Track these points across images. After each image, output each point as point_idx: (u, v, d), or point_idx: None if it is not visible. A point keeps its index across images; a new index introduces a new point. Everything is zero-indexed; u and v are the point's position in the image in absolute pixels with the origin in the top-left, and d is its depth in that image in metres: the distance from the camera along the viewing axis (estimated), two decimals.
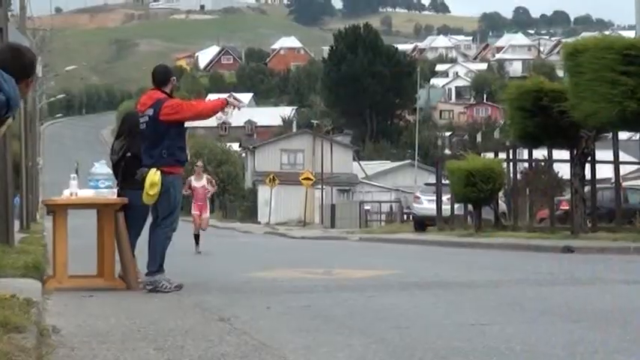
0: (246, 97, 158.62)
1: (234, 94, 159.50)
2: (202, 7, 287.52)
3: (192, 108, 10.70)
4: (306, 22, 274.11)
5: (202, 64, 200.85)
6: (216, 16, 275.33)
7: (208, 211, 22.85)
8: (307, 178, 59.41)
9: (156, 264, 10.45)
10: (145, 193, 10.36)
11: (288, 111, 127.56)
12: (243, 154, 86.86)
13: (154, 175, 10.32)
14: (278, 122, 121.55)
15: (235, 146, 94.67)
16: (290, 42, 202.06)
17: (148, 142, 10.47)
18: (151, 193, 10.33)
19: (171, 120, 10.41)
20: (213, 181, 23.52)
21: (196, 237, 21.82)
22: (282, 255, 20.76)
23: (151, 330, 7.24)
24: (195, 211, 22.19)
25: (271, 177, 61.44)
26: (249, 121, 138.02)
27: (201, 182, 22.19)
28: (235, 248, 25.36)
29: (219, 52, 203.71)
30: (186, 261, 17.75)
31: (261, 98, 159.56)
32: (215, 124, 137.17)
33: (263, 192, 68.01)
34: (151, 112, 10.47)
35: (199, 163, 23.35)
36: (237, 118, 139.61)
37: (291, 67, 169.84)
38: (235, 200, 78.34)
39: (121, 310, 8.75)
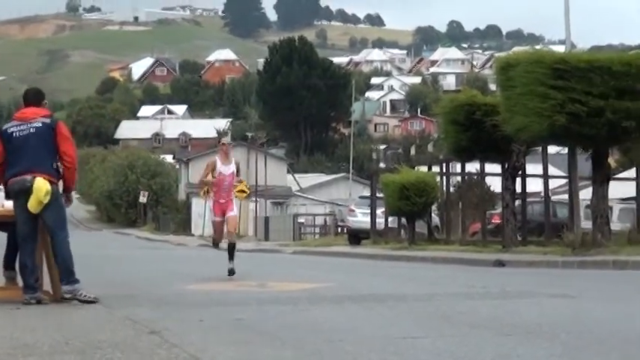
0: (180, 108, 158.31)
1: (168, 106, 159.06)
2: (136, 18, 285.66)
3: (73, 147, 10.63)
4: (241, 34, 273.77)
5: (136, 75, 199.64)
6: (150, 28, 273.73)
7: (235, 208, 16.18)
8: (241, 191, 59.07)
9: (73, 273, 10.34)
10: (37, 201, 10.14)
11: (222, 123, 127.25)
12: (177, 166, 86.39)
13: (45, 184, 10.19)
14: (212, 134, 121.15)
15: (169, 158, 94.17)
16: (225, 54, 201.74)
17: (36, 148, 10.28)
18: (45, 202, 10.18)
19: (61, 140, 10.40)
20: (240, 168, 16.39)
21: (229, 248, 15.82)
22: (215, 267, 20.63)
23: (79, 342, 7.14)
24: (216, 217, 15.91)
25: (205, 189, 61.12)
26: (184, 133, 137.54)
27: (229, 167, 15.88)
28: (168, 260, 25.17)
29: (153, 64, 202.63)
30: (117, 273, 17.59)
31: (196, 110, 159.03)
32: (149, 136, 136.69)
33: (197, 204, 67.67)
34: (47, 121, 10.43)
35: (226, 139, 16.67)
36: (171, 129, 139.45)
37: (226, 80, 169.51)
38: (169, 212, 77.90)
39: (48, 322, 8.63)
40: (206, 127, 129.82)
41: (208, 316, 8.93)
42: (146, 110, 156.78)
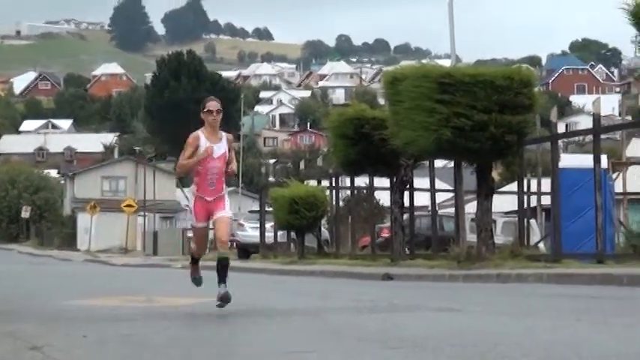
0: (65, 123, 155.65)
1: (52, 120, 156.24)
2: (18, 32, 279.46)
3: None
4: (128, 48, 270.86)
5: (18, 89, 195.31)
6: (34, 42, 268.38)
7: (227, 206, 10.84)
8: (129, 205, 58.77)
9: None
10: None
11: (109, 137, 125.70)
12: (62, 181, 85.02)
13: None
14: (99, 149, 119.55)
15: (54, 173, 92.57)
16: (112, 68, 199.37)
17: None
18: None
19: None
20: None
21: (220, 266, 10.81)
22: (102, 282, 20.35)
23: None
24: (198, 222, 10.93)
25: (92, 204, 60.55)
26: (69, 148, 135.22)
27: (220, 145, 10.79)
28: (52, 276, 24.67)
29: (37, 78, 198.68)
30: None
31: (82, 124, 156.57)
32: (32, 150, 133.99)
33: (83, 219, 66.75)
34: None
35: (212, 103, 11.14)
36: (56, 144, 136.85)
37: (113, 94, 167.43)
38: (53, 227, 76.56)
39: None
40: (92, 142, 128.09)
41: (94, 332, 8.75)
42: (29, 124, 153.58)
